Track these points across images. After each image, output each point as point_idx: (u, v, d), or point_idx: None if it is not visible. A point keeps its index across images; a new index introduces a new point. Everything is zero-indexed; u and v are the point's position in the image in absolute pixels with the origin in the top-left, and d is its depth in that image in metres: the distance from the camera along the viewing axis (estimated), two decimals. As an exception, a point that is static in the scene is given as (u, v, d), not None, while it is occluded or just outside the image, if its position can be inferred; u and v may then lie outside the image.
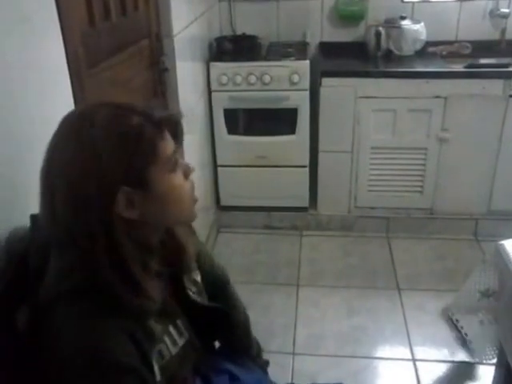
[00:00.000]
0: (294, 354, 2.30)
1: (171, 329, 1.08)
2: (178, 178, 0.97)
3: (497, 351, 1.81)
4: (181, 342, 1.09)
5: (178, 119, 0.99)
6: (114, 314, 0.89)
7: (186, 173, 1.00)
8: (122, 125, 0.89)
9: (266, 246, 3.10)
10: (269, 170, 3.12)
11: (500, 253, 1.58)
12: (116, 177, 0.87)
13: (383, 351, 2.32)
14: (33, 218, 1.02)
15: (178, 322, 1.11)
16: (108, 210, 0.88)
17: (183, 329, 1.11)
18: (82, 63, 1.34)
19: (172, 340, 1.07)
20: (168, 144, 0.94)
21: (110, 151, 0.86)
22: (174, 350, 1.07)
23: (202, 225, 2.80)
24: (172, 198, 0.96)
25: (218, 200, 3.28)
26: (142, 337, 0.93)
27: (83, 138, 0.88)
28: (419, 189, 3.02)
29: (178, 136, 0.98)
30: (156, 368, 0.97)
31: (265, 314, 2.55)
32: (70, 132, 0.91)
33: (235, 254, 3.04)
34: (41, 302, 0.89)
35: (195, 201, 1.04)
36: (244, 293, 2.71)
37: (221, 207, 3.29)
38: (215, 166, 3.17)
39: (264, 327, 2.47)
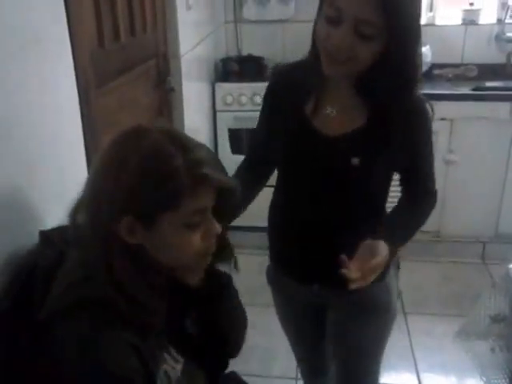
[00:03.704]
0: (296, 378, 2.26)
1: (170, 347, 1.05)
2: (190, 235, 0.91)
3: (508, 379, 1.78)
4: (181, 359, 1.06)
5: (230, 188, 0.94)
6: (119, 328, 0.87)
7: (206, 235, 0.93)
8: (160, 160, 0.85)
9: (270, 267, 3.07)
10: (273, 190, 3.09)
11: (510, 277, 1.56)
12: (127, 202, 0.86)
13: (389, 377, 2.27)
14: (42, 234, 1.02)
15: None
16: (111, 229, 0.87)
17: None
18: (91, 83, 1.34)
19: (173, 358, 1.03)
20: (197, 200, 0.89)
21: (133, 177, 0.85)
22: (179, 368, 1.04)
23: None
24: (173, 249, 0.92)
25: (221, 220, 3.25)
26: (147, 354, 0.90)
27: (120, 153, 0.87)
28: (425, 211, 3.00)
29: (224, 207, 0.94)
30: None
31: (268, 338, 2.51)
32: (114, 145, 0.89)
33: (238, 276, 3.00)
34: (45, 314, 0.87)
35: (206, 261, 0.99)
36: (247, 315, 2.71)
37: (224, 228, 3.26)
38: (219, 186, 3.15)
39: (267, 351, 2.43)
